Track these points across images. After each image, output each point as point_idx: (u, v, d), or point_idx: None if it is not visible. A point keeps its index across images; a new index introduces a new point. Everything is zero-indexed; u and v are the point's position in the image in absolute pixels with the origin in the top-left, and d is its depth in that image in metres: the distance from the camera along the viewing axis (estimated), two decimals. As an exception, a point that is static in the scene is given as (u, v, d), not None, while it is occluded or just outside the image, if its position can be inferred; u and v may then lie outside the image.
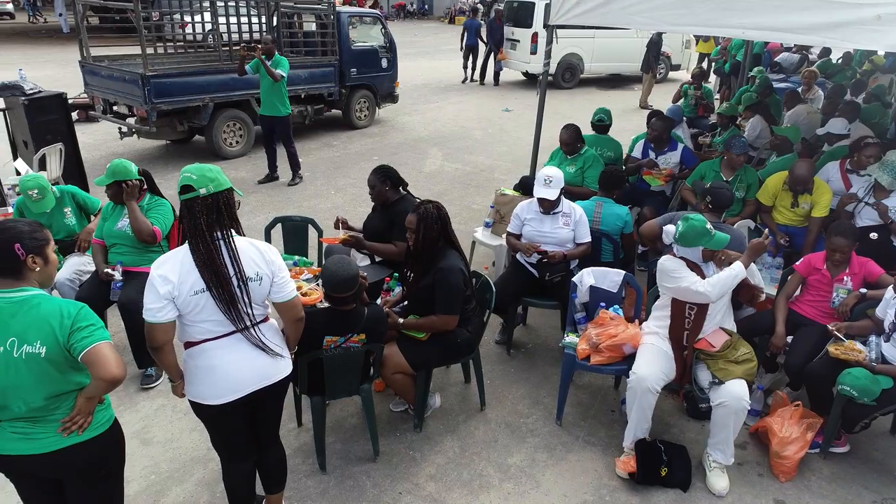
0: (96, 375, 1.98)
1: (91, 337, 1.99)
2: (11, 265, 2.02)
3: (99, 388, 2.03)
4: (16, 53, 18.30)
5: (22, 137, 6.73)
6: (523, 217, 4.17)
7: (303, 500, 3.10)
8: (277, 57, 7.21)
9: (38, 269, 2.07)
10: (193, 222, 2.24)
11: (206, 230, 2.25)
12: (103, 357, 1.97)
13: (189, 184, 2.23)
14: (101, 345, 1.99)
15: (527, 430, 3.62)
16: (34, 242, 2.06)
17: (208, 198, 2.25)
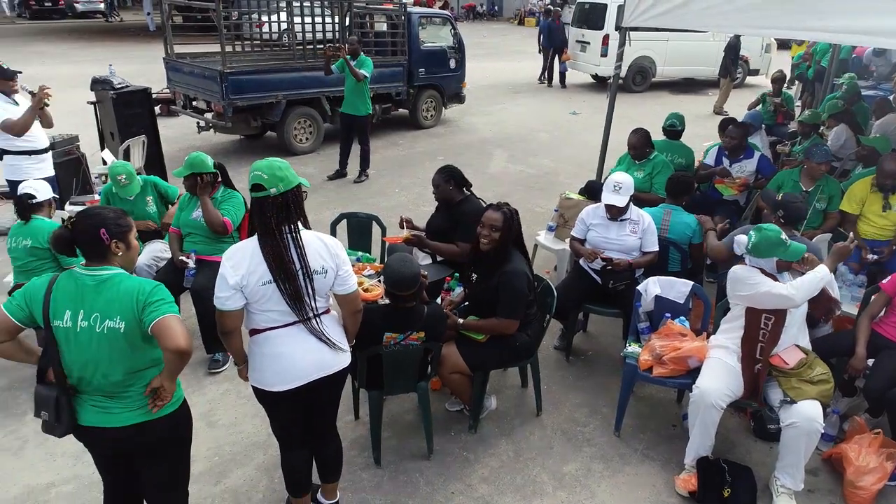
0: (163, 346, 2.07)
1: (159, 310, 2.08)
2: (97, 248, 2.15)
3: (170, 362, 2.11)
4: (106, 50, 19.40)
5: (109, 129, 7.12)
6: (589, 222, 4.10)
7: (357, 492, 3.15)
8: (362, 57, 7.41)
9: (120, 254, 2.19)
10: (263, 219, 2.31)
11: (276, 227, 2.31)
12: (170, 328, 2.06)
13: (260, 183, 2.29)
14: (169, 317, 2.08)
15: (583, 439, 3.56)
16: (118, 228, 2.18)
17: (278, 197, 2.31)
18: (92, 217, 2.16)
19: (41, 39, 22.54)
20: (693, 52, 14.08)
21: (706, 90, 14.69)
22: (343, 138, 7.97)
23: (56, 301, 2.11)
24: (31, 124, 4.76)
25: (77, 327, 2.09)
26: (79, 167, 6.30)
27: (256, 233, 2.36)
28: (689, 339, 3.38)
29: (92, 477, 3.24)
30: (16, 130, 4.71)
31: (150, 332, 2.07)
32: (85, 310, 2.09)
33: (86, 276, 2.12)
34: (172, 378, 2.18)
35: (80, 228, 2.15)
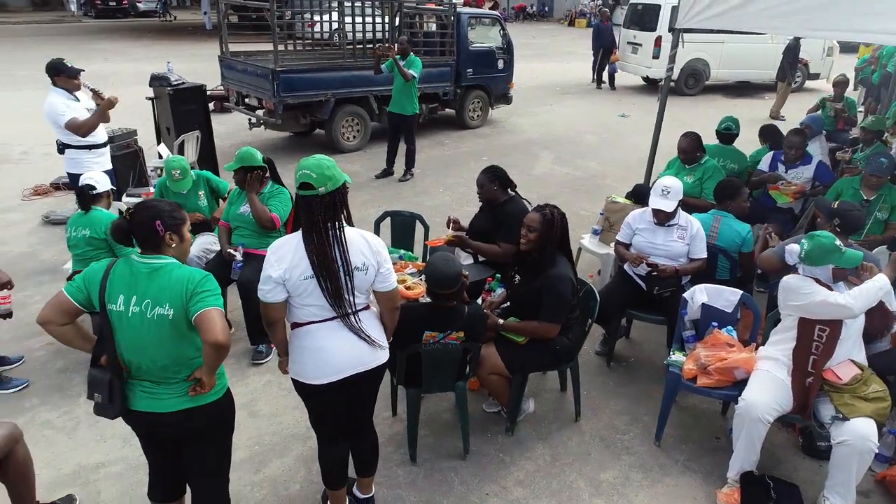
0: (203, 338, 2.12)
1: (204, 301, 2.14)
2: (152, 239, 2.23)
3: (207, 354, 2.16)
4: (165, 48, 20.07)
5: (165, 124, 7.35)
6: (635, 226, 4.03)
7: (392, 488, 3.17)
8: (412, 57, 7.48)
9: (173, 246, 2.27)
10: (310, 217, 2.34)
11: (322, 225, 2.34)
12: (211, 321, 2.11)
13: (309, 182, 2.31)
14: (212, 310, 2.13)
15: (622, 447, 3.49)
16: (172, 221, 2.26)
17: (326, 195, 2.34)
18: (149, 209, 2.24)
19: (104, 37, 23.49)
20: (749, 54, 13.65)
21: (762, 94, 14.24)
22: (390, 137, 8.06)
23: (112, 285, 2.19)
24: (96, 127, 4.94)
25: (129, 312, 2.18)
26: (136, 160, 6.54)
27: (301, 228, 2.40)
28: (737, 349, 3.28)
29: (139, 459, 3.35)
30: (82, 131, 4.91)
31: (194, 323, 2.13)
32: (137, 295, 2.17)
33: (140, 264, 2.21)
34: (211, 371, 2.23)
35: (136, 219, 2.23)
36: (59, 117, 4.83)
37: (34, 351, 4.29)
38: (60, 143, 4.99)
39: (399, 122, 7.80)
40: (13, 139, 9.48)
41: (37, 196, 7.27)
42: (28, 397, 3.84)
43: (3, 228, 6.35)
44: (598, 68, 14.97)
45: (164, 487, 2.57)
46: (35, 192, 7.31)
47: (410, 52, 7.58)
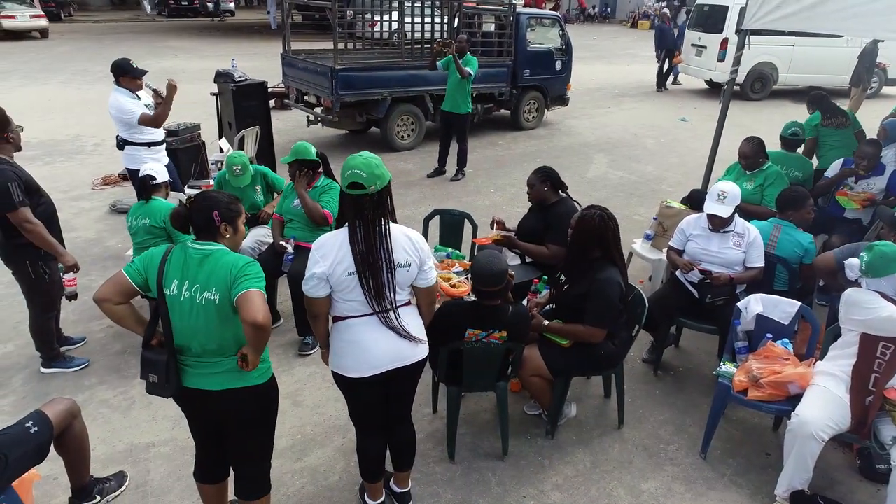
0: (242, 318, 2.17)
1: (246, 283, 2.20)
2: (208, 228, 2.31)
3: (248, 335, 2.20)
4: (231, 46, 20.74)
5: (227, 119, 7.58)
6: (689, 232, 3.91)
7: (429, 485, 3.18)
8: (469, 56, 7.52)
9: (227, 236, 2.35)
10: (359, 215, 2.37)
11: (370, 223, 2.37)
12: (250, 301, 2.15)
13: (359, 181, 2.32)
14: (252, 291, 2.18)
15: (666, 458, 3.40)
16: (228, 213, 2.34)
17: (374, 194, 2.36)
18: (207, 200, 2.33)
19: (174, 35, 24.48)
20: (822, 57, 13.03)
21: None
22: (442, 136, 8.10)
23: (168, 270, 2.29)
24: (165, 118, 5.15)
25: (181, 297, 2.26)
26: (198, 153, 6.78)
27: (347, 226, 2.42)
28: (792, 363, 3.14)
29: (186, 442, 3.47)
30: (156, 123, 5.13)
31: (234, 304, 2.19)
32: (188, 281, 2.26)
33: (193, 251, 2.29)
34: (255, 351, 2.27)
35: (196, 208, 2.32)
36: (131, 115, 5.02)
37: (95, 333, 4.51)
38: (120, 139, 5.21)
39: (452, 121, 7.82)
40: (86, 131, 9.98)
41: (105, 185, 7.63)
42: (88, 376, 4.03)
43: (73, 215, 6.68)
44: (658, 69, 14.63)
45: (209, 468, 2.65)
46: (104, 182, 7.68)
47: (468, 51, 7.59)
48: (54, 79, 14.70)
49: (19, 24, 21.26)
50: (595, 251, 3.20)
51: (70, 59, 17.65)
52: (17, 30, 21.17)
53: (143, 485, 3.18)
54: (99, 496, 3.00)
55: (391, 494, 3.02)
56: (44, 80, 14.43)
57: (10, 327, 4.55)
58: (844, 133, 5.89)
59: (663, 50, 14.37)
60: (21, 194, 3.48)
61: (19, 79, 14.54)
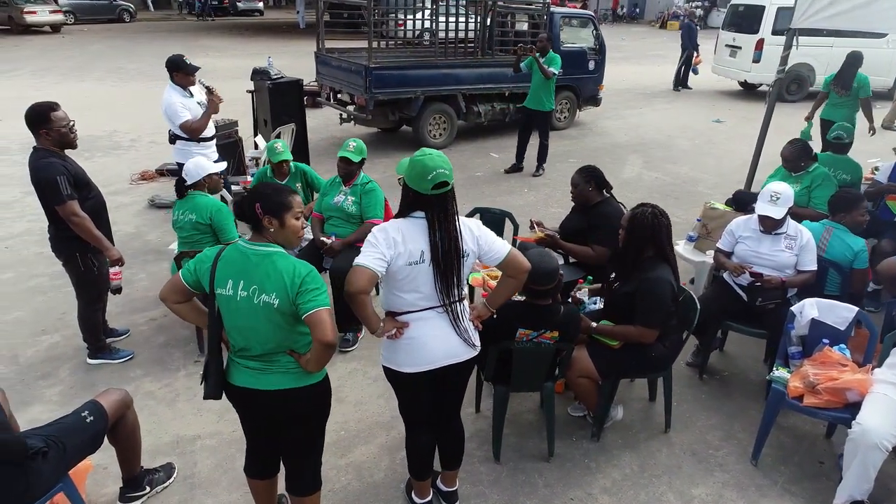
0: (315, 337, 2.17)
1: (315, 301, 2.17)
2: (253, 220, 2.28)
3: (317, 352, 2.21)
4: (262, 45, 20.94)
5: (263, 116, 7.65)
6: (738, 234, 3.83)
7: (475, 485, 3.15)
8: (551, 54, 7.59)
9: (272, 230, 2.26)
10: (444, 209, 2.38)
11: (452, 217, 2.40)
12: (323, 322, 2.15)
13: (446, 180, 2.34)
14: (323, 310, 2.17)
15: (715, 463, 3.33)
16: (272, 205, 2.25)
17: (452, 186, 2.39)
18: (255, 192, 2.32)
19: (205, 34, 24.79)
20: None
21: (874, 102, 13.27)
22: (521, 133, 8.20)
23: (221, 271, 2.27)
24: (205, 128, 5.19)
25: (237, 296, 2.24)
26: (236, 149, 6.83)
27: (410, 218, 2.41)
28: (850, 369, 3.06)
29: (232, 435, 3.49)
30: (194, 134, 5.18)
31: (304, 321, 2.18)
32: (245, 281, 2.23)
33: (249, 251, 2.26)
34: (318, 365, 2.27)
35: (245, 200, 2.31)
36: (177, 118, 5.07)
37: (139, 325, 4.56)
38: (172, 134, 5.27)
39: (535, 118, 7.94)
40: (122, 127, 10.14)
41: (143, 181, 7.73)
42: (133, 368, 4.07)
43: (113, 210, 6.68)
44: (680, 70, 14.48)
45: (260, 464, 2.65)
46: (142, 177, 7.78)
47: (550, 50, 7.67)
48: (90, 76, 14.97)
49: (40, 19, 23.79)
50: (648, 249, 3.16)
51: (104, 57, 17.98)
52: (38, 24, 23.77)
53: (191, 476, 3.20)
54: (149, 487, 3.02)
55: (438, 493, 3.00)
56: (79, 78, 14.71)
57: (55, 318, 4.62)
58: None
59: (688, 49, 14.19)
60: (69, 188, 3.52)
61: (56, 76, 14.84)
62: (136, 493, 2.98)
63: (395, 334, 2.50)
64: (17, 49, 19.67)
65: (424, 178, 2.33)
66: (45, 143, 3.56)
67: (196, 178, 3.97)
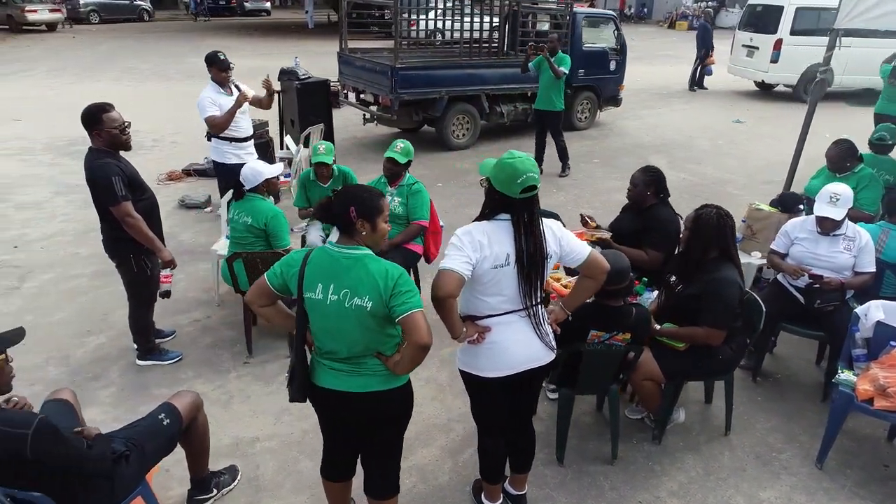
0: (410, 340, 2.15)
1: (409, 303, 2.15)
2: (346, 223, 2.25)
3: (412, 354, 2.19)
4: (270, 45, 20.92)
5: (290, 117, 7.64)
6: (794, 235, 3.81)
7: (541, 488, 3.13)
8: (561, 55, 7.51)
9: (364, 233, 2.24)
10: (530, 212, 2.37)
11: (539, 217, 2.40)
12: (418, 324, 2.12)
13: (534, 183, 2.33)
14: (418, 313, 2.14)
15: (780, 467, 3.31)
16: (365, 209, 2.23)
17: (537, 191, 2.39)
18: (347, 194, 2.28)
19: (214, 35, 24.79)
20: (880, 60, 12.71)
21: None
22: (538, 133, 8.10)
23: (310, 275, 2.24)
24: (228, 124, 5.20)
25: (327, 300, 2.21)
26: (266, 149, 6.82)
27: (494, 221, 2.39)
28: (921, 372, 3.04)
29: (290, 437, 3.48)
30: (216, 130, 5.19)
31: (398, 323, 2.16)
32: (335, 284, 2.20)
33: (339, 254, 2.23)
34: (409, 368, 2.26)
35: (336, 202, 2.27)
36: (203, 111, 5.12)
37: (184, 326, 4.54)
38: (208, 132, 5.26)
39: (546, 119, 7.83)
40: (143, 127, 10.08)
41: (170, 181, 7.71)
42: (183, 369, 4.06)
43: (143, 210, 6.76)
44: (695, 70, 14.48)
45: (338, 466, 2.63)
46: (169, 177, 7.76)
47: (559, 50, 7.57)
48: (105, 76, 14.98)
49: (41, 17, 24.54)
50: (712, 250, 3.14)
51: (115, 57, 17.98)
52: (39, 22, 24.60)
53: (255, 479, 3.18)
54: (216, 489, 3.01)
55: (507, 496, 2.98)
56: (95, 78, 14.71)
57: (99, 319, 4.60)
58: None
59: (704, 49, 14.18)
60: (123, 189, 3.50)
61: (70, 76, 14.84)
62: (205, 495, 2.97)
63: (476, 339, 2.48)
64: (27, 49, 19.70)
65: (514, 182, 2.31)
66: (99, 143, 3.55)
67: (254, 184, 3.95)
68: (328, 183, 4.74)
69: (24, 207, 6.74)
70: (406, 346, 2.20)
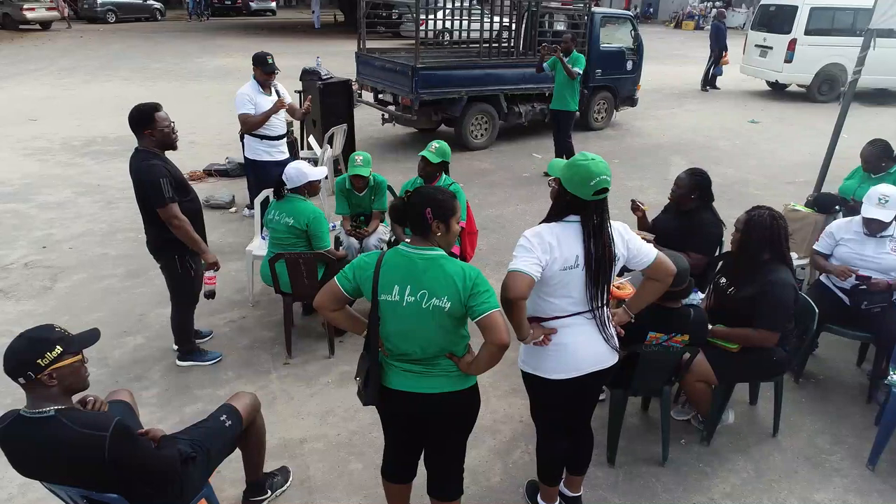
0: (490, 340, 2.14)
1: (488, 303, 2.14)
2: (421, 225, 2.24)
3: (491, 354, 2.18)
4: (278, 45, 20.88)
5: (312, 116, 7.63)
6: (839, 237, 3.80)
7: (594, 489, 3.13)
8: (575, 54, 7.46)
9: (439, 234, 2.24)
10: (601, 214, 2.36)
11: (608, 219, 2.39)
12: (498, 324, 2.12)
13: (607, 186, 2.32)
14: (496, 312, 2.14)
15: (831, 468, 3.30)
16: (440, 210, 2.22)
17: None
18: (422, 195, 2.27)
19: (221, 34, 24.79)
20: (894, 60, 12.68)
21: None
22: (554, 133, 8.13)
23: (385, 277, 2.23)
24: (260, 126, 5.25)
25: (403, 301, 2.20)
26: (293, 150, 6.80)
27: (584, 227, 2.37)
28: (977, 374, 3.03)
29: (338, 438, 3.48)
30: (245, 128, 5.22)
31: (477, 323, 2.15)
32: (412, 286, 2.20)
33: (415, 255, 2.22)
34: (486, 367, 2.25)
35: (411, 202, 2.26)
36: (239, 107, 5.17)
37: (220, 327, 4.54)
38: (242, 131, 5.27)
39: (559, 118, 7.84)
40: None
41: (192, 181, 7.66)
42: (224, 370, 4.05)
43: (168, 210, 6.75)
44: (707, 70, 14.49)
45: (401, 468, 2.62)
46: (191, 178, 7.73)
47: (574, 49, 7.52)
48: (116, 76, 14.96)
49: (38, 16, 24.75)
50: (765, 253, 3.13)
51: (124, 57, 17.96)
52: (37, 20, 24.80)
53: (306, 480, 3.18)
54: (270, 490, 3.00)
55: (562, 498, 2.97)
56: (106, 77, 14.71)
57: (135, 320, 4.60)
58: None
59: (718, 49, 14.17)
60: (171, 190, 3.50)
61: (82, 76, 14.84)
62: (260, 496, 2.96)
63: (542, 341, 2.48)
64: (36, 49, 19.69)
65: (587, 184, 2.30)
66: (149, 144, 3.54)
67: (297, 184, 3.95)
68: (364, 192, 4.72)
69: (47, 207, 6.74)
70: (484, 346, 2.18)
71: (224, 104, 11.16)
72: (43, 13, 24.88)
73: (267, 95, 5.20)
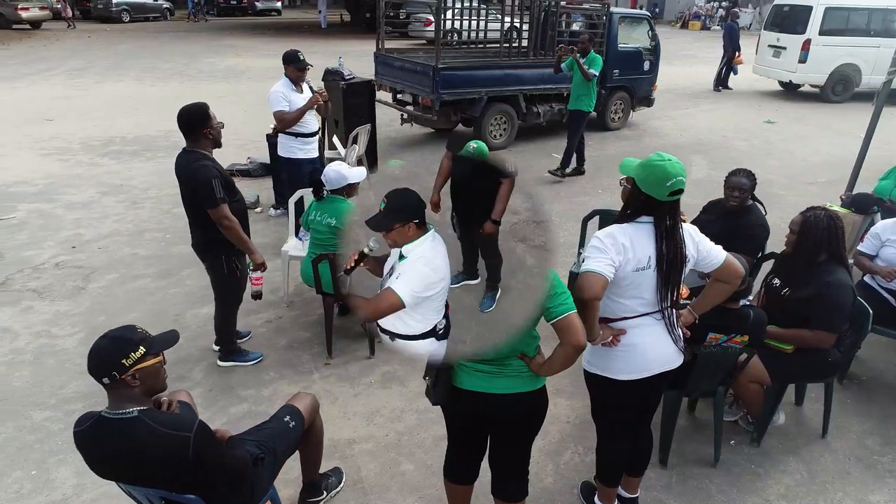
0: (567, 341, 2.14)
1: (566, 305, 2.14)
2: None
3: (568, 355, 2.18)
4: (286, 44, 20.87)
5: (335, 117, 7.61)
6: (885, 238, 3.80)
7: (649, 490, 3.11)
8: (592, 55, 7.41)
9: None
10: (674, 215, 2.37)
11: (680, 220, 2.39)
12: (575, 325, 2.13)
13: (682, 187, 2.31)
14: (573, 314, 2.14)
15: (884, 470, 3.29)
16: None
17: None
18: None
19: (228, 34, 24.81)
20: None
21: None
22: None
23: None
24: (295, 122, 5.26)
25: None
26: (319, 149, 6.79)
27: (657, 228, 2.37)
28: None
29: (386, 439, 3.47)
30: (282, 125, 5.23)
31: (554, 325, 2.15)
32: None
33: None
34: (561, 368, 2.23)
35: None
36: (274, 105, 5.18)
37: (257, 328, 4.53)
38: (275, 129, 5.28)
39: (572, 117, 7.82)
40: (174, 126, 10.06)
41: (214, 181, 7.69)
42: (266, 370, 4.05)
43: (193, 210, 6.75)
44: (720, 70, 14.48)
45: (464, 469, 2.62)
46: (213, 178, 7.74)
47: (591, 50, 7.49)
48: (126, 76, 14.95)
49: (32, 15, 25.16)
50: (822, 254, 3.12)
51: (135, 57, 17.95)
52: (30, 19, 25.16)
53: (359, 481, 3.17)
54: (325, 491, 3.00)
55: (619, 500, 2.97)
56: (117, 77, 14.70)
57: (171, 320, 4.58)
58: None
59: (732, 49, 14.16)
60: (222, 191, 3.50)
61: (93, 76, 14.83)
62: (316, 497, 2.97)
63: (611, 342, 2.47)
64: (45, 49, 19.70)
65: (662, 184, 2.29)
66: (205, 143, 3.55)
67: (336, 186, 3.95)
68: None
69: (73, 207, 6.73)
70: (561, 347, 2.18)
71: (238, 104, 11.18)
72: (36, 13, 25.26)
73: (299, 93, 5.21)
